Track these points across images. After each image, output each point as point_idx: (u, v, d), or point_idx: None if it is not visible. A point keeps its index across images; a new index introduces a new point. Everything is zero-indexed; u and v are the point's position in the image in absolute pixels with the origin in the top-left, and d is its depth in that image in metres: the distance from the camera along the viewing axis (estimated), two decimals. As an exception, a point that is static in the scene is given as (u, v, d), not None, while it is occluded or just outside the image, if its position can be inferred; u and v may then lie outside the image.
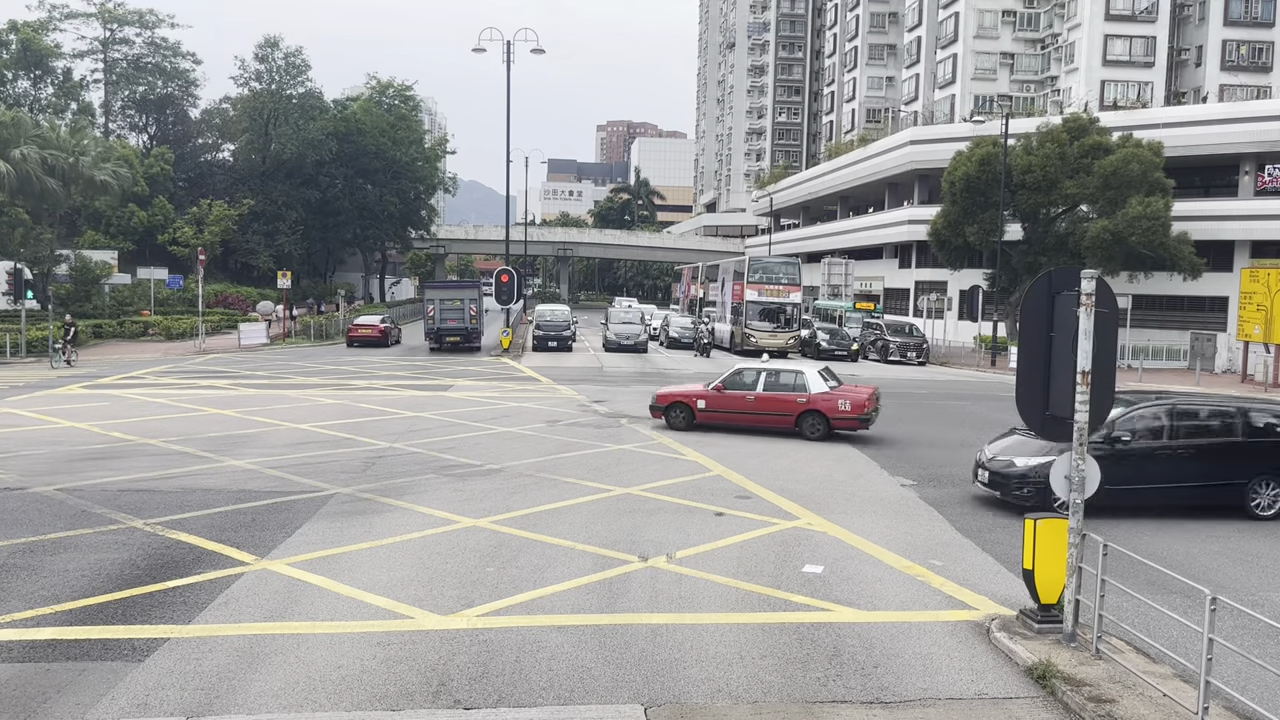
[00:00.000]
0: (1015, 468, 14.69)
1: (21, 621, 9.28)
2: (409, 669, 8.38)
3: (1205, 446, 14.88)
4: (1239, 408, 15.30)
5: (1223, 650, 7.76)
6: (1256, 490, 14.69)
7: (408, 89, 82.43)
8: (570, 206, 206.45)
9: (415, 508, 14.00)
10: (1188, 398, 16.26)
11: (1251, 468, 14.74)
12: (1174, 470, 14.56)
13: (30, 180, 44.17)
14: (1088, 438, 8.96)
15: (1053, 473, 9.33)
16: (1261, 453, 14.83)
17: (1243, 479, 14.68)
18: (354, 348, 45.94)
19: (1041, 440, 14.28)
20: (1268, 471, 14.75)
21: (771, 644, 9.14)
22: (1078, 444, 8.91)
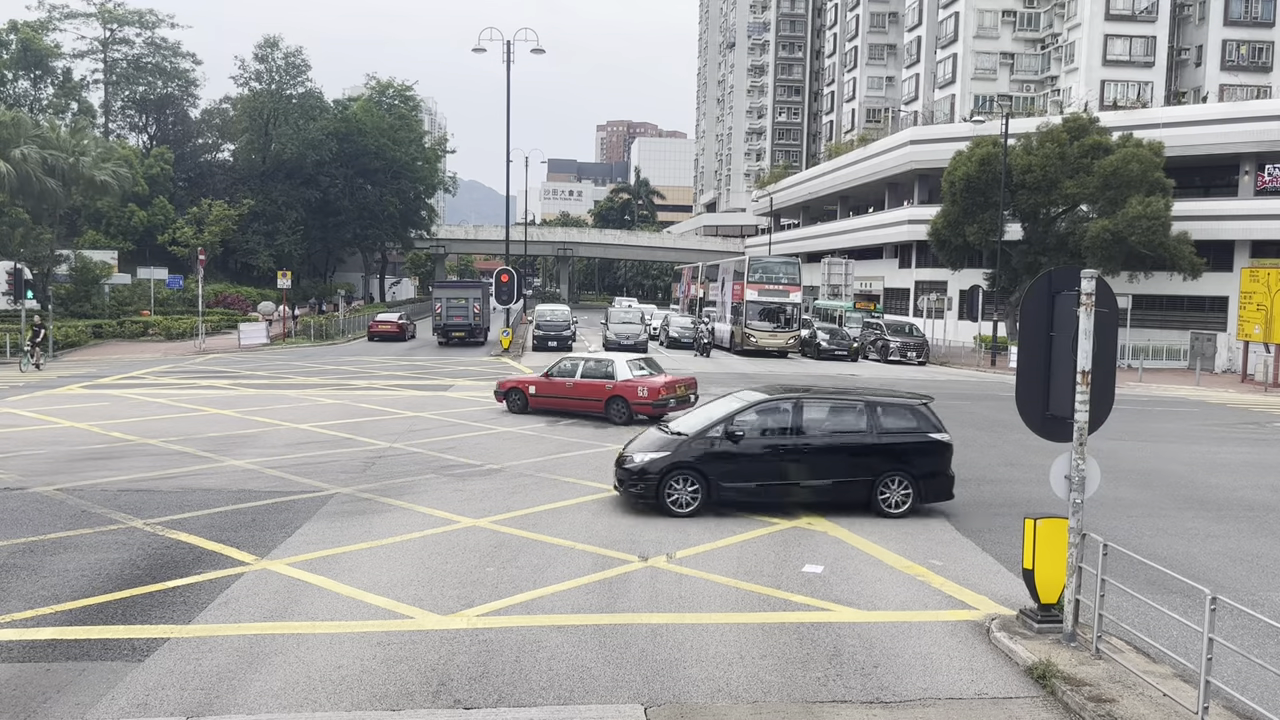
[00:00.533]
0: (633, 463, 14.04)
1: (21, 621, 9.28)
2: (409, 669, 8.38)
3: (834, 442, 14.04)
4: (869, 402, 14.48)
5: (1223, 650, 7.76)
6: (886, 487, 13.97)
7: (408, 89, 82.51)
8: (570, 206, 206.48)
9: (415, 508, 14.00)
10: (818, 392, 15.33)
11: (881, 464, 14.01)
12: (800, 467, 13.90)
13: (30, 180, 44.18)
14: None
15: (1053, 473, 9.32)
16: (892, 449, 14.08)
17: (872, 475, 13.98)
18: (375, 341, 50.30)
19: (666, 436, 14.33)
20: (898, 468, 14.03)
21: (771, 644, 9.14)
22: (1077, 444, 8.91)
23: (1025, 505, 14.67)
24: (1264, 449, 22.63)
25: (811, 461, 13.97)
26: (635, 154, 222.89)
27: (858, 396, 14.92)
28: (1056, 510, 9.89)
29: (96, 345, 43.37)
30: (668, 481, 13.76)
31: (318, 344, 48.10)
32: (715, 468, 13.82)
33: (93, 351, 40.59)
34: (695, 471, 13.80)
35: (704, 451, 13.88)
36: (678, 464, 13.82)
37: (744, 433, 13.92)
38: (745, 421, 14.08)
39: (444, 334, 47.94)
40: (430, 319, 53.02)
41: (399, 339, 50.78)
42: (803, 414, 14.19)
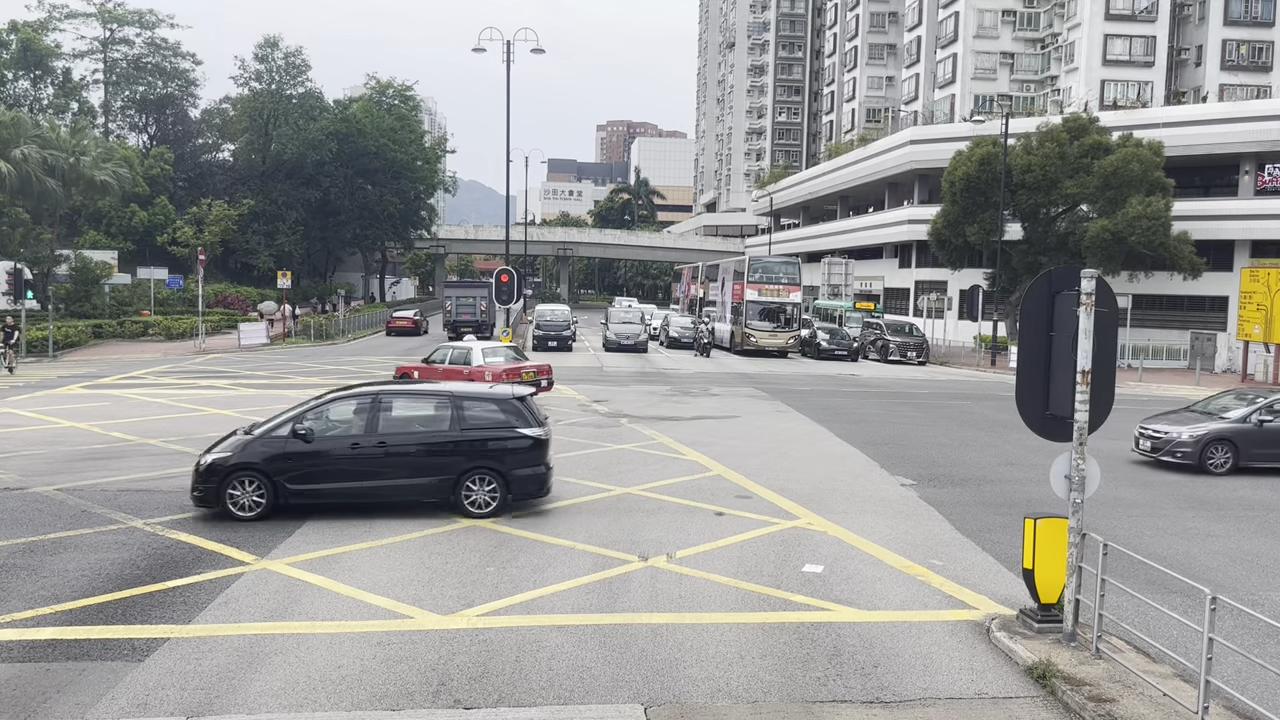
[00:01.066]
0: (201, 464, 13.24)
1: (21, 621, 9.28)
2: (409, 669, 8.38)
3: (413, 440, 13.45)
4: (453, 398, 13.76)
5: (1223, 650, 7.76)
6: (470, 487, 13.36)
7: (408, 89, 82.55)
8: (570, 206, 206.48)
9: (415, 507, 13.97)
10: (399, 387, 14.85)
11: (465, 462, 13.35)
12: (375, 467, 13.23)
13: (30, 180, 44.16)
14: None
15: (1053, 472, 9.32)
16: (477, 446, 13.44)
17: (455, 474, 13.33)
18: (391, 335, 55.46)
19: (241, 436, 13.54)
20: (483, 466, 13.40)
21: (771, 644, 9.14)
22: (1077, 443, 8.90)
23: (1025, 505, 14.68)
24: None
25: (389, 461, 13.28)
26: (635, 154, 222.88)
27: (441, 392, 14.19)
28: (1056, 510, 9.89)
29: (96, 345, 43.37)
30: (229, 484, 12.91)
31: (318, 344, 48.11)
32: (282, 469, 13.00)
33: (93, 351, 40.60)
34: (260, 473, 12.95)
35: (272, 452, 13.07)
36: (241, 465, 12.98)
37: (314, 432, 13.17)
38: (319, 420, 13.37)
39: (454, 329, 51.35)
40: (440, 315, 58.24)
41: (414, 333, 55.63)
42: (380, 411, 13.49)
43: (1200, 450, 18.37)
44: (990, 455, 19.94)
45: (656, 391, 30.06)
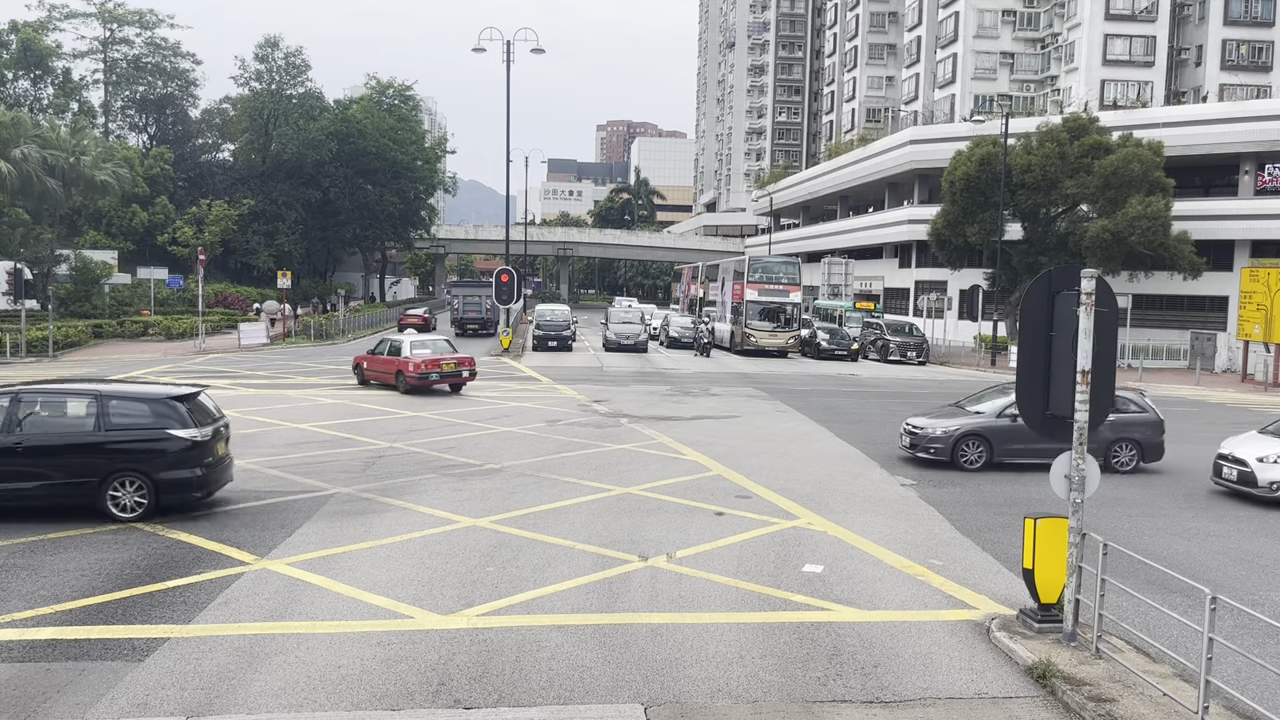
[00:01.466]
0: None
1: (21, 621, 9.28)
2: (409, 669, 8.38)
3: (51, 442, 12.77)
4: (100, 397, 13.02)
5: (1223, 650, 7.76)
6: (116, 490, 12.70)
7: (408, 89, 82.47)
8: (570, 206, 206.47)
9: (415, 507, 14.00)
10: (37, 386, 14.04)
11: (109, 465, 12.69)
12: (11, 467, 12.53)
13: (31, 180, 44.15)
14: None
15: (1053, 472, 9.32)
16: (122, 448, 12.74)
17: (97, 477, 12.66)
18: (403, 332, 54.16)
19: None
20: (130, 469, 12.75)
21: (771, 643, 9.14)
22: (1078, 443, 8.91)
23: (1025, 505, 14.70)
24: (1264, 449, 22.59)
25: (23, 462, 12.59)
26: (635, 154, 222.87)
27: (87, 391, 13.42)
28: (1056, 510, 9.89)
29: (97, 345, 43.36)
30: None
31: (318, 344, 48.10)
32: None
33: (93, 351, 40.59)
34: None
35: None
36: None
37: None
38: None
39: (460, 326, 55.64)
40: (448, 313, 61.78)
41: (425, 330, 56.10)
42: (18, 410, 12.86)
43: (952, 446, 17.93)
44: (990, 455, 19.92)
45: (656, 391, 30.06)
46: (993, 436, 17.99)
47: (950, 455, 17.95)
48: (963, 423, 18.27)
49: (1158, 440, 18.51)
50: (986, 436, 17.99)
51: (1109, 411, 9.22)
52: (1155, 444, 18.52)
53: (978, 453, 17.98)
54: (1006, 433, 17.82)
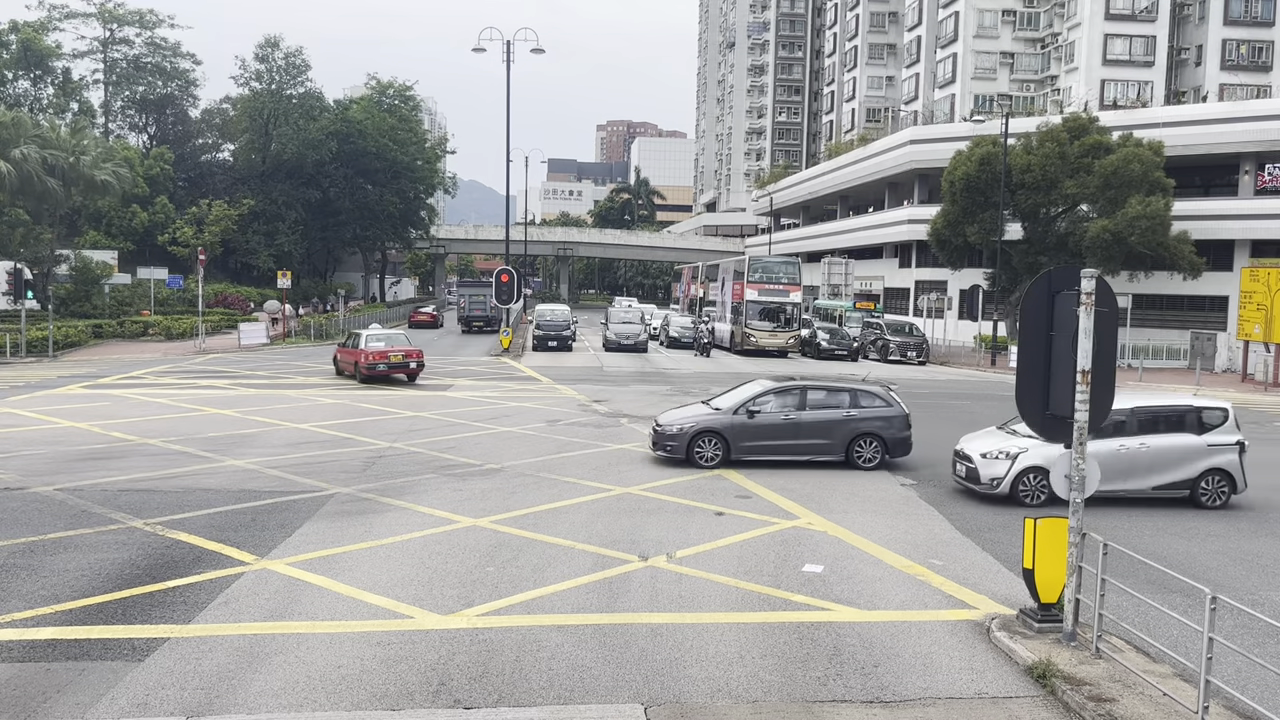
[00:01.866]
0: None
1: (21, 621, 9.29)
2: (409, 668, 8.38)
3: None
4: None
5: (1223, 649, 7.76)
6: None
7: (408, 89, 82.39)
8: (570, 206, 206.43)
9: (415, 507, 14.00)
10: None
11: None
12: None
13: (31, 180, 44.14)
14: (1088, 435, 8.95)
15: (1053, 472, 9.32)
16: None
17: None
18: (413, 329, 59.62)
19: None
20: None
21: (771, 643, 9.14)
22: (1078, 443, 8.91)
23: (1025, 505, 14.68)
24: (1264, 448, 22.59)
25: None
26: (635, 154, 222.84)
27: None
28: (1056, 510, 9.88)
29: (97, 345, 43.36)
30: None
31: (318, 344, 48.08)
32: None
33: (93, 351, 40.59)
34: None
35: None
36: None
37: None
38: None
39: (466, 323, 59.06)
40: (455, 311, 67.37)
41: (434, 326, 62.62)
42: None
43: (688, 443, 17.45)
44: (990, 455, 19.90)
45: (656, 391, 30.06)
46: (729, 433, 17.49)
47: (686, 453, 17.47)
48: (699, 420, 17.80)
49: (903, 435, 17.96)
50: (722, 433, 17.49)
51: (1109, 411, 9.20)
52: (899, 439, 17.94)
53: (714, 450, 17.46)
54: (743, 429, 17.46)
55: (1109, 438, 14.74)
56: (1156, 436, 15.26)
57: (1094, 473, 9.16)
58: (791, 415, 17.70)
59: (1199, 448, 15.30)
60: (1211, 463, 15.30)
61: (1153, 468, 15.14)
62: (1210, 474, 15.34)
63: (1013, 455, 15.14)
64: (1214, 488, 15.35)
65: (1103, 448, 14.54)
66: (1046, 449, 14.58)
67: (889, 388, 18.95)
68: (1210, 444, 15.35)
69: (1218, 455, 15.33)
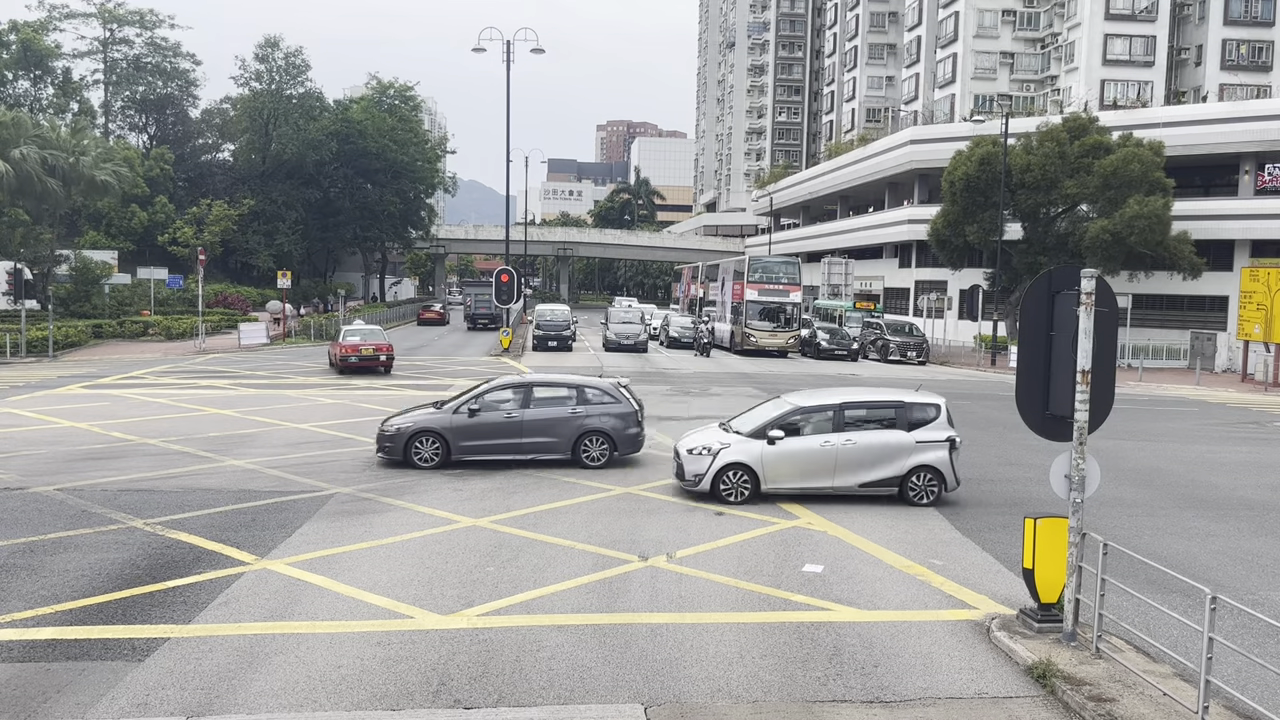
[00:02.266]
0: None
1: (21, 621, 9.29)
2: (409, 668, 8.38)
3: None
4: None
5: (1223, 649, 7.76)
6: None
7: (409, 89, 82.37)
8: (570, 206, 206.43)
9: (415, 507, 14.01)
10: None
11: None
12: None
13: (30, 180, 44.13)
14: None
15: (1053, 472, 9.31)
16: None
17: None
18: (422, 326, 65.17)
19: None
20: None
21: (771, 643, 9.14)
22: (1078, 443, 8.91)
23: (1025, 504, 14.69)
24: (1264, 448, 22.62)
25: None
26: (635, 154, 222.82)
27: None
28: (1056, 509, 9.89)
29: (96, 345, 43.36)
30: None
31: (318, 344, 48.08)
32: None
33: (93, 351, 40.59)
34: None
35: None
36: None
37: None
38: None
39: (472, 321, 62.11)
40: (461, 309, 71.74)
41: (441, 323, 66.34)
42: None
43: (405, 444, 16.78)
44: (990, 455, 19.93)
45: (656, 391, 30.04)
46: (448, 433, 16.88)
47: (403, 454, 16.86)
48: (417, 420, 17.19)
49: (631, 432, 17.37)
50: (441, 433, 16.88)
51: (1109, 411, 9.20)
52: (628, 436, 17.34)
53: (432, 450, 16.84)
54: (463, 429, 16.87)
55: (814, 434, 14.58)
56: (864, 433, 14.73)
57: (1094, 472, 9.16)
58: (515, 414, 17.07)
59: (907, 444, 14.72)
60: (920, 459, 14.73)
61: (860, 465, 14.62)
62: (919, 470, 14.77)
63: (714, 451, 14.66)
64: (923, 485, 14.80)
65: (807, 445, 14.44)
66: (749, 445, 14.44)
67: (620, 384, 18.17)
68: (919, 440, 14.78)
69: (927, 452, 14.74)
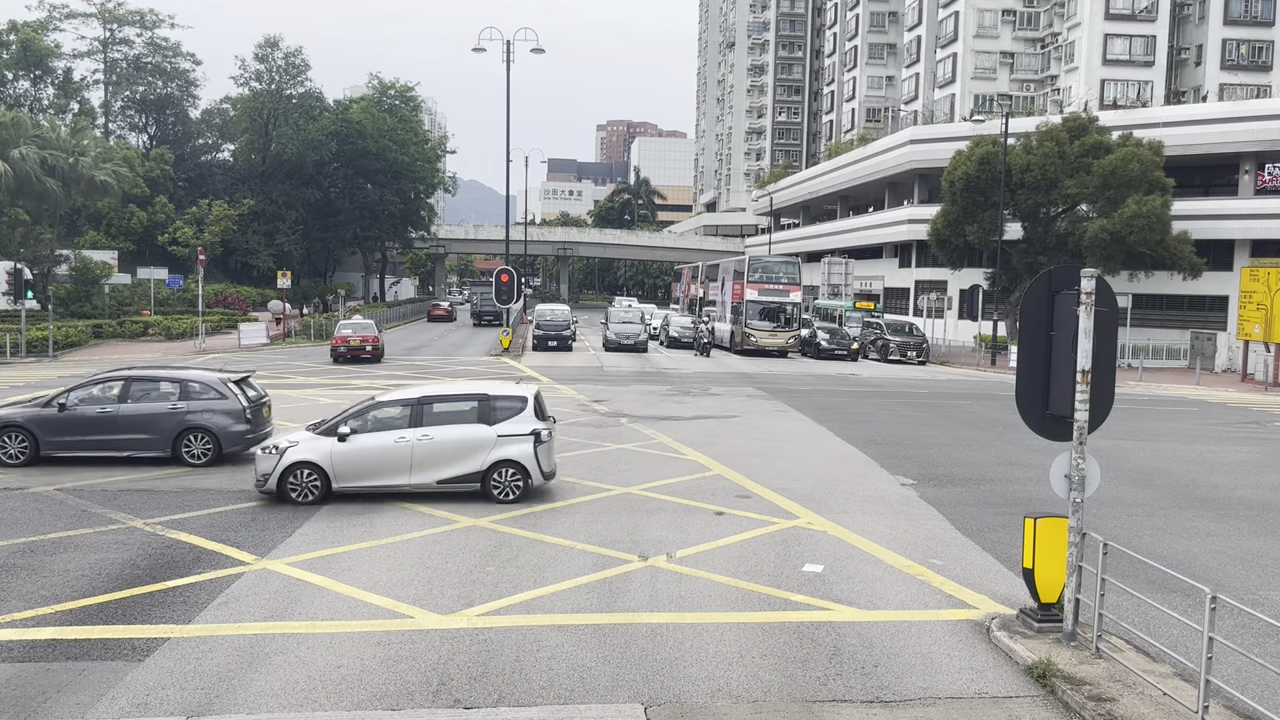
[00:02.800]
0: None
1: (21, 621, 9.29)
2: (409, 668, 8.38)
3: None
4: None
5: (1223, 649, 7.76)
6: None
7: (409, 90, 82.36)
8: (570, 206, 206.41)
9: (415, 507, 14.00)
10: None
11: None
12: None
13: (30, 180, 44.14)
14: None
15: (1053, 472, 9.31)
16: None
17: None
18: (431, 322, 68.91)
19: None
20: None
21: (771, 643, 9.14)
22: (1078, 443, 8.90)
23: (1025, 504, 14.67)
24: (1264, 448, 22.62)
25: None
26: (635, 154, 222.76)
27: None
28: (1056, 509, 9.89)
29: (97, 345, 43.35)
30: None
31: (317, 344, 48.08)
32: None
33: (93, 351, 40.58)
34: None
35: None
36: None
37: None
38: None
39: (478, 317, 66.31)
40: (468, 307, 78.20)
41: (449, 320, 70.07)
42: None
43: None
44: (990, 455, 19.93)
45: (656, 391, 30.05)
46: (36, 428, 16.09)
47: None
48: (3, 413, 16.55)
49: (237, 429, 16.65)
50: (29, 429, 16.12)
51: (1109, 411, 9.20)
52: (233, 433, 16.62)
53: (19, 446, 16.10)
54: (52, 423, 16.14)
55: (389, 430, 14.21)
56: (442, 428, 14.28)
57: (1094, 472, 9.16)
58: (109, 409, 16.36)
59: (489, 439, 14.25)
60: (502, 454, 14.25)
61: (438, 461, 14.14)
62: (501, 465, 14.30)
63: (281, 450, 14.05)
64: (507, 480, 14.31)
65: (381, 441, 14.08)
66: (318, 442, 14.06)
67: (227, 379, 17.27)
68: (501, 435, 14.31)
69: (509, 446, 14.28)
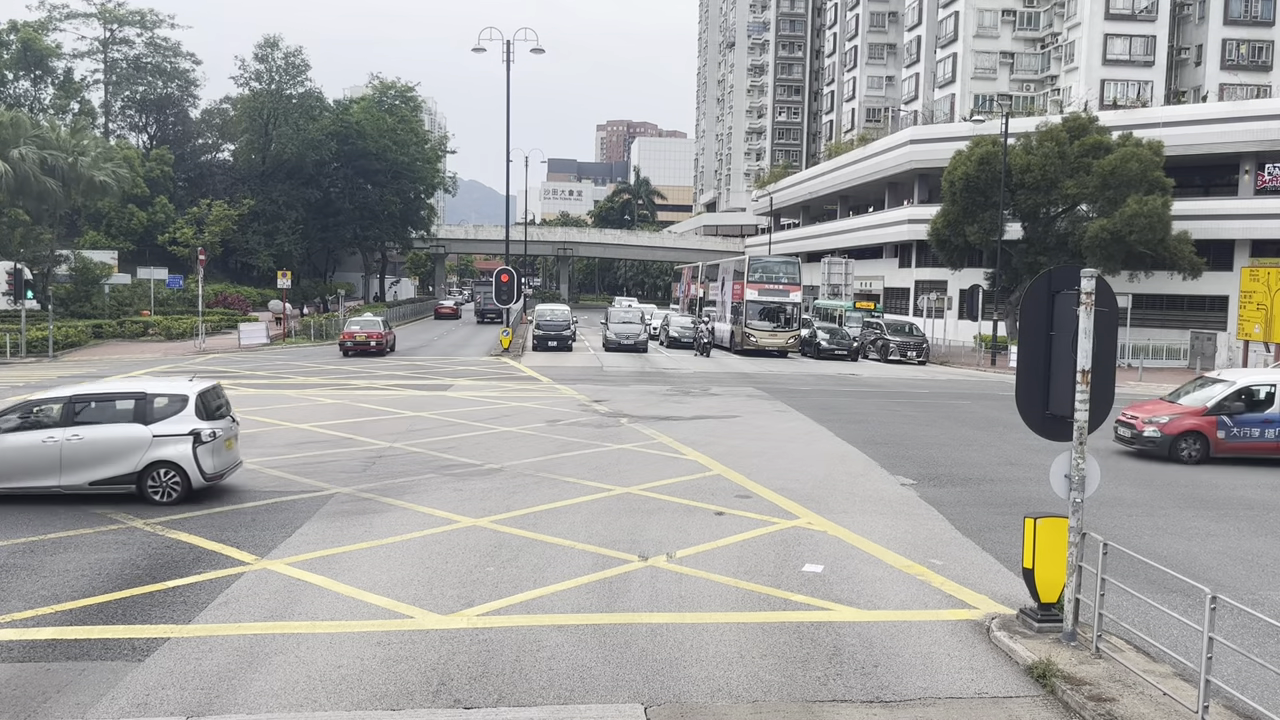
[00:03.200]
0: None
1: (21, 621, 9.29)
2: (409, 668, 8.39)
3: None
4: None
5: (1223, 649, 7.76)
6: None
7: (409, 90, 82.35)
8: (570, 206, 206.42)
9: (415, 507, 14.00)
10: None
11: None
12: None
13: (29, 180, 44.13)
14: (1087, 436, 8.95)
15: (1053, 472, 9.32)
16: None
17: None
18: (438, 320, 71.87)
19: None
20: None
21: (771, 643, 9.14)
22: (1078, 443, 8.91)
23: (1025, 504, 14.68)
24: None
25: None
26: (635, 154, 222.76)
27: None
28: (1056, 509, 9.89)
29: (97, 345, 43.36)
30: None
31: (318, 344, 48.10)
32: None
33: (93, 351, 40.59)
34: None
35: None
36: None
37: None
38: None
39: (481, 315, 69.50)
40: (473, 305, 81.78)
41: (454, 318, 73.37)
42: None
43: None
44: (990, 454, 19.93)
45: (656, 391, 30.06)
46: None
47: None
48: None
49: None
50: None
51: (1109, 411, 9.20)
52: None
53: None
54: None
55: (39, 429, 13.65)
56: (94, 427, 13.70)
57: (1094, 472, 9.16)
58: None
59: (143, 439, 13.69)
60: (159, 454, 13.68)
61: (89, 461, 13.57)
62: (158, 467, 13.73)
63: None
64: (164, 481, 13.76)
65: (28, 441, 13.56)
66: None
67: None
68: (157, 434, 13.72)
69: (166, 446, 13.69)
